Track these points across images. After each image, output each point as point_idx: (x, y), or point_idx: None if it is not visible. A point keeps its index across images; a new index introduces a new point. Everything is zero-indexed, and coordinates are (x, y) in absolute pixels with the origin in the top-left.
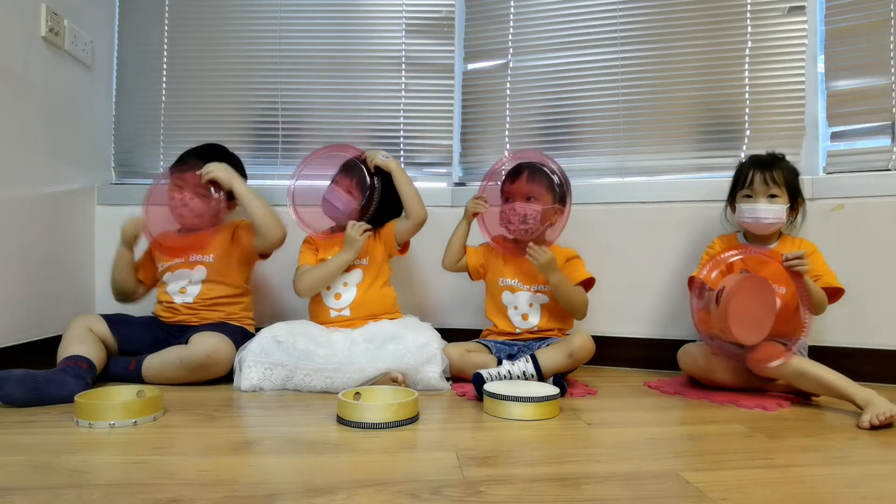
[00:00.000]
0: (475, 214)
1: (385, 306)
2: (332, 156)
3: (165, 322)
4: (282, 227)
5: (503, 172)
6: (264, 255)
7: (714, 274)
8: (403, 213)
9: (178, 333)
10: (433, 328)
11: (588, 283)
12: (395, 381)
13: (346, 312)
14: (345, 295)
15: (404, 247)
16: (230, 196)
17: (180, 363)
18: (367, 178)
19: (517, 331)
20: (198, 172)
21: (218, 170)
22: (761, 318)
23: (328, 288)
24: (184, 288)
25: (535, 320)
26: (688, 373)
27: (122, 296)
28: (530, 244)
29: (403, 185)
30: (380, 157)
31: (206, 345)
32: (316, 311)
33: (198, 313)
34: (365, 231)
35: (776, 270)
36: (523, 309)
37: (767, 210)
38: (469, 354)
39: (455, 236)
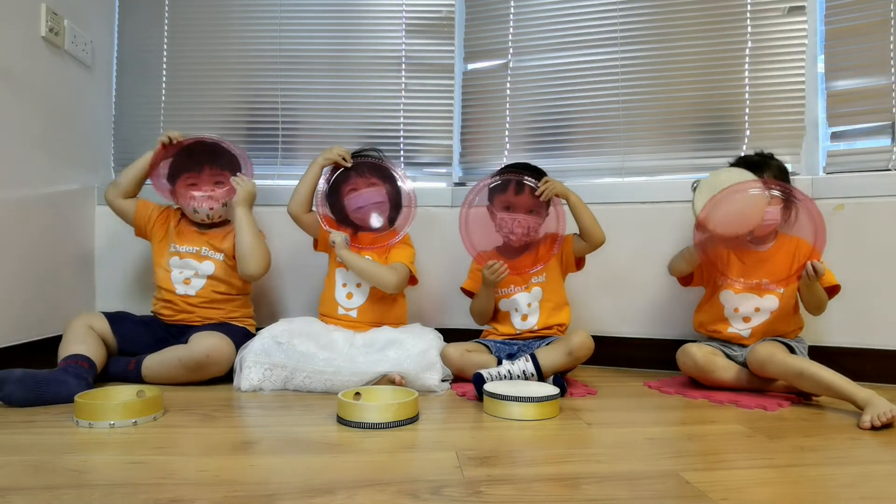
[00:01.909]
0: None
1: (392, 316)
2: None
3: (165, 321)
4: (261, 265)
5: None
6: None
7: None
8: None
9: (178, 333)
10: (436, 333)
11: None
12: (393, 383)
13: (354, 314)
14: (356, 296)
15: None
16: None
17: (179, 363)
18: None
19: (518, 332)
20: (232, 181)
21: (245, 187)
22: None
23: (344, 285)
24: (188, 279)
25: (534, 319)
26: (687, 373)
27: (126, 178)
28: (539, 186)
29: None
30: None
31: (206, 344)
32: (325, 302)
33: (197, 311)
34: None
35: (773, 269)
36: (523, 310)
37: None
38: (469, 354)
39: (483, 303)
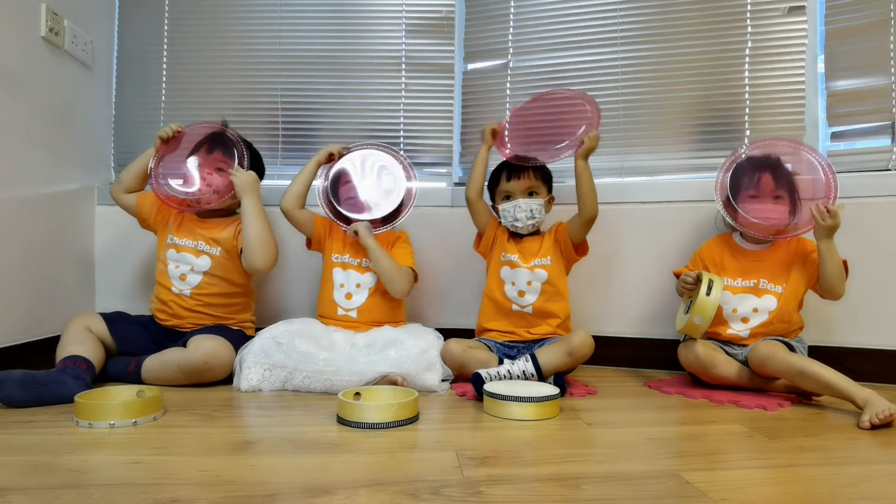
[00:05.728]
0: (493, 134)
1: (393, 315)
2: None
3: (161, 325)
4: (268, 258)
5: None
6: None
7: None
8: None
9: (174, 336)
10: (436, 333)
11: None
12: (394, 384)
13: (353, 314)
14: (356, 296)
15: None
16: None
17: (178, 368)
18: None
19: (513, 308)
20: (230, 172)
21: (242, 177)
22: None
23: (342, 286)
24: (184, 275)
25: (531, 298)
26: (688, 368)
27: (127, 174)
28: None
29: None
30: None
31: (204, 349)
32: (324, 304)
33: (191, 316)
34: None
35: (773, 268)
36: (521, 286)
37: (774, 210)
38: (471, 350)
39: (477, 164)
